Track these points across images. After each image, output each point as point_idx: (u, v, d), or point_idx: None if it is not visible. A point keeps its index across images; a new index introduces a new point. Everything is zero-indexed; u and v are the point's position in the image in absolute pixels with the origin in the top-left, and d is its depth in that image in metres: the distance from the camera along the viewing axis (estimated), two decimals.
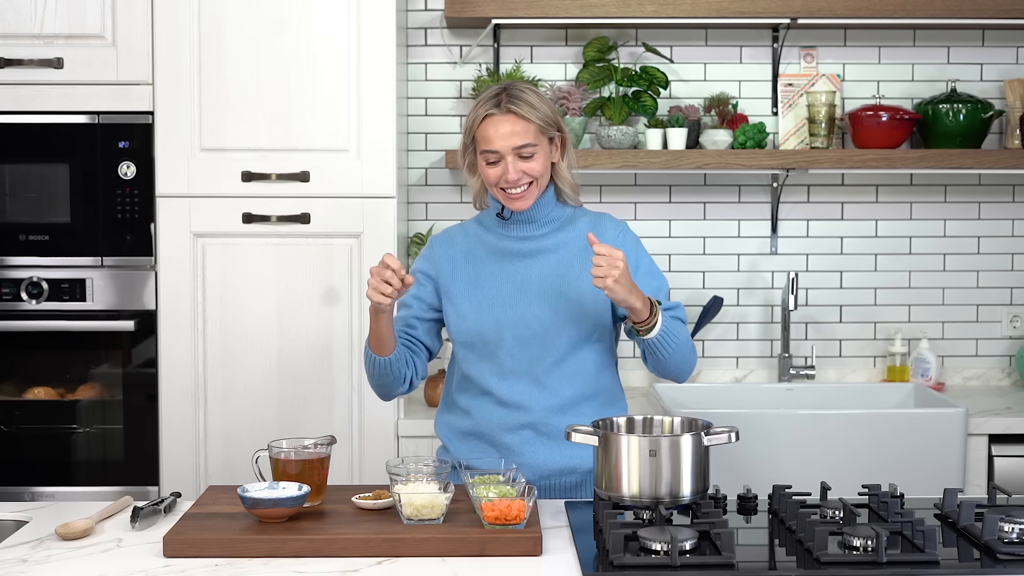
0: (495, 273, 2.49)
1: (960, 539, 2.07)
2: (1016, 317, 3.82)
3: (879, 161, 3.52)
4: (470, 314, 2.47)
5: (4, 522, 2.22)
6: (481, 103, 2.43)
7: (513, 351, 2.45)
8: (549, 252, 2.49)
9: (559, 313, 2.44)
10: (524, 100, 2.41)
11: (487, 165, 2.42)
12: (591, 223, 2.53)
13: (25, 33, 3.23)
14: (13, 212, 3.28)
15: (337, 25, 3.23)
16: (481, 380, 2.48)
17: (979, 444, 3.24)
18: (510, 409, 2.46)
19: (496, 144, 2.40)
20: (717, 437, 2.12)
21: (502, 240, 2.51)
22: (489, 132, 2.41)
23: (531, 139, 2.40)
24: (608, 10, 3.51)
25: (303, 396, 3.27)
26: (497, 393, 2.47)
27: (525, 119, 2.40)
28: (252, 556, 1.97)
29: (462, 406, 2.53)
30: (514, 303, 2.45)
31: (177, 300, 3.25)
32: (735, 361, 3.80)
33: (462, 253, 2.53)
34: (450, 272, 2.51)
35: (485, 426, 2.49)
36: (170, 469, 3.28)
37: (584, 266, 2.44)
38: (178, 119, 3.23)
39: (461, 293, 2.49)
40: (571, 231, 2.51)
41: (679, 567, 1.87)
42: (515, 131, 2.39)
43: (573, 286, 2.46)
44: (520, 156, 2.40)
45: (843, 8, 3.51)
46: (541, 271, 2.47)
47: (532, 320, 2.44)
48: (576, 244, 2.49)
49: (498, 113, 2.41)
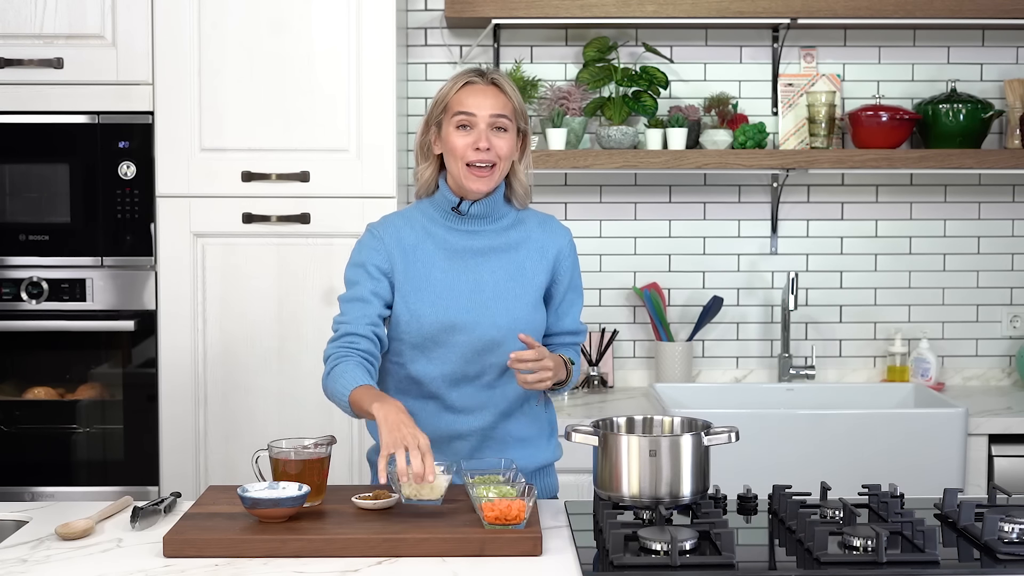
0: (447, 271, 2.39)
1: (960, 539, 2.07)
2: (1016, 317, 3.82)
3: (879, 161, 3.52)
4: (426, 315, 2.37)
5: (4, 522, 2.22)
6: (460, 75, 2.40)
7: (468, 357, 2.38)
8: (501, 251, 2.43)
9: (514, 318, 2.39)
10: (506, 80, 2.41)
11: (458, 133, 2.36)
12: (540, 224, 2.48)
13: (25, 33, 3.23)
14: (13, 212, 3.28)
15: (337, 25, 3.23)
16: (430, 384, 2.39)
17: (979, 444, 3.24)
18: (458, 415, 2.40)
19: (475, 108, 2.35)
20: (717, 437, 2.12)
21: (452, 235, 2.42)
22: (468, 98, 2.36)
23: (508, 113, 2.37)
24: (608, 10, 3.51)
25: (303, 396, 3.27)
26: (446, 399, 2.40)
27: (505, 94, 2.38)
28: (252, 556, 1.97)
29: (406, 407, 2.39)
30: (468, 305, 2.37)
31: (177, 300, 3.25)
32: (735, 361, 3.80)
33: (411, 246, 2.41)
34: (403, 267, 2.39)
35: (431, 432, 2.33)
36: (170, 469, 3.28)
37: (536, 267, 2.42)
38: (178, 119, 3.23)
39: (412, 290, 2.38)
40: (522, 230, 2.46)
41: (679, 567, 1.87)
42: (495, 102, 2.36)
43: (527, 288, 2.41)
44: (494, 128, 2.36)
45: (843, 8, 3.51)
46: (494, 271, 2.41)
47: (488, 326, 2.37)
48: (528, 244, 2.44)
49: (481, 82, 2.38)
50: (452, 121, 2.37)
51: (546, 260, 2.45)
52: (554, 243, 2.46)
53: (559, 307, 2.49)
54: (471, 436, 2.42)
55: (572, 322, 2.51)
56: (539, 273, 2.43)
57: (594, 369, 3.66)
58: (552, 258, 2.45)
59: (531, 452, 2.46)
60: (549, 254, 2.45)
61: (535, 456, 2.46)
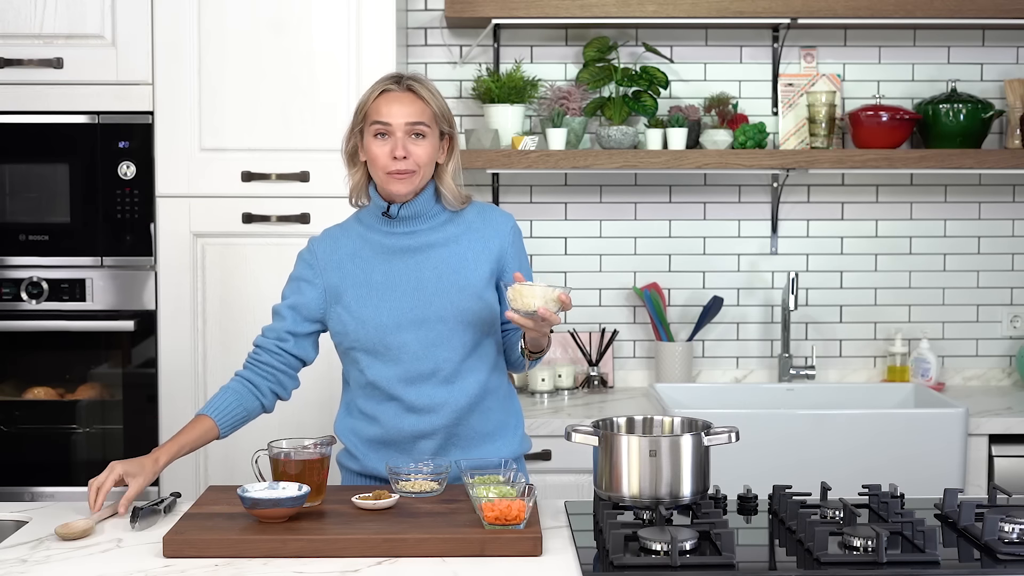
0: (387, 272, 2.40)
1: (960, 539, 2.07)
2: (1016, 317, 3.82)
3: (879, 161, 3.52)
4: (371, 318, 2.37)
5: (4, 522, 2.22)
6: (378, 83, 2.39)
7: (419, 354, 2.37)
8: (440, 246, 2.41)
9: (461, 310, 2.38)
10: (424, 84, 2.39)
11: (376, 142, 2.35)
12: (479, 214, 2.47)
13: (25, 33, 3.23)
14: (13, 212, 3.28)
15: (337, 25, 3.23)
16: (388, 387, 2.39)
17: (979, 444, 3.24)
18: (421, 415, 2.40)
19: (390, 117, 2.34)
20: (717, 437, 2.12)
21: (388, 237, 2.42)
22: (384, 107, 2.34)
23: (425, 120, 2.36)
24: (608, 10, 3.51)
25: (303, 396, 3.26)
26: (405, 399, 2.39)
27: (423, 100, 2.36)
28: (252, 556, 1.97)
29: (368, 412, 2.43)
30: (412, 304, 2.37)
31: (177, 300, 3.25)
32: (735, 361, 3.80)
33: (348, 255, 2.42)
34: (338, 278, 2.41)
35: (396, 434, 2.40)
36: (170, 469, 3.25)
37: (478, 257, 2.41)
38: (178, 119, 3.23)
39: (355, 298, 2.39)
40: (460, 223, 2.44)
41: (679, 567, 1.87)
42: (411, 110, 2.35)
43: (471, 280, 2.40)
44: (411, 135, 2.35)
45: (843, 8, 3.51)
46: (435, 266, 2.40)
47: (434, 320, 2.37)
48: (468, 236, 2.43)
49: (397, 90, 2.37)
50: (370, 130, 2.37)
51: (489, 250, 2.43)
52: (495, 232, 2.45)
53: None
54: (435, 435, 2.41)
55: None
56: (482, 263, 2.41)
57: (594, 369, 3.66)
58: (496, 247, 2.44)
59: (498, 447, 2.45)
60: (492, 243, 2.44)
61: (501, 451, 2.44)
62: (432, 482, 2.26)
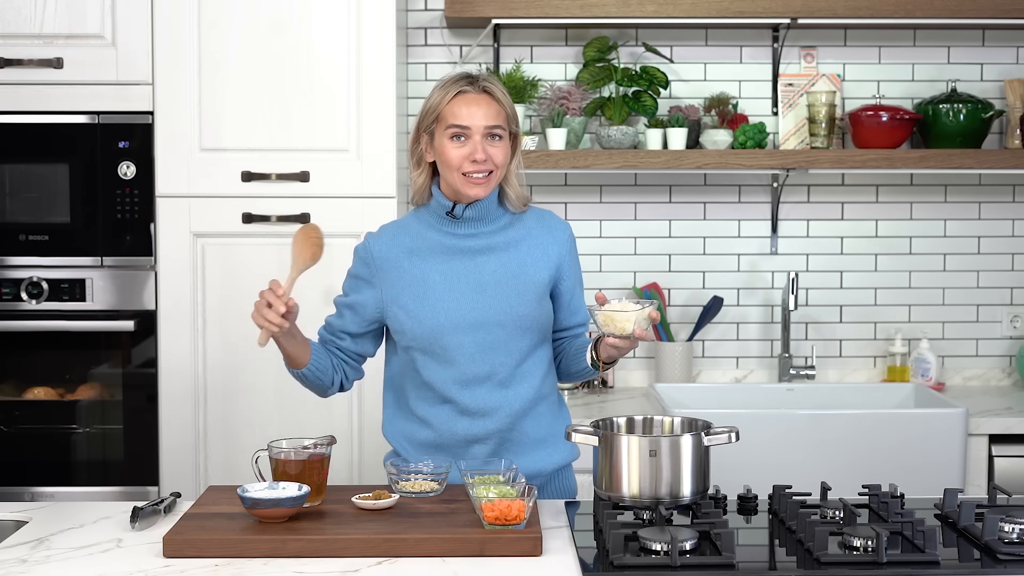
0: (445, 273, 2.38)
1: (960, 539, 2.07)
2: (1016, 317, 3.82)
3: (879, 161, 3.52)
4: (428, 319, 2.36)
5: (4, 522, 2.22)
6: (450, 83, 2.37)
7: (475, 357, 2.37)
8: (500, 250, 2.41)
9: (519, 315, 2.38)
10: (497, 85, 2.38)
11: (453, 144, 2.34)
12: (539, 221, 2.47)
13: (25, 33, 3.23)
14: (13, 212, 3.28)
15: (337, 25, 3.23)
16: (443, 388, 2.38)
17: (979, 444, 3.24)
18: (474, 418, 2.39)
19: (468, 120, 2.33)
20: (717, 437, 2.12)
21: (448, 238, 2.41)
22: (461, 109, 2.33)
23: (501, 122, 2.35)
24: (608, 10, 3.51)
25: (303, 396, 3.26)
26: (460, 401, 2.38)
27: (498, 102, 2.36)
28: (252, 556, 1.96)
29: (420, 415, 2.42)
30: (471, 306, 2.36)
31: (177, 300, 3.25)
32: (735, 361, 3.80)
33: (405, 253, 2.41)
34: (396, 276, 2.40)
35: (449, 438, 2.40)
36: (170, 469, 3.28)
37: (537, 263, 2.42)
38: (178, 119, 3.23)
39: (412, 297, 2.38)
40: (520, 228, 2.44)
41: (679, 567, 1.87)
42: (488, 111, 2.34)
43: (529, 285, 2.40)
44: (489, 137, 2.34)
45: (843, 8, 3.51)
46: (494, 270, 2.39)
47: (492, 323, 2.36)
48: (528, 241, 2.43)
49: (472, 91, 2.35)
50: (446, 132, 2.35)
51: (548, 256, 2.44)
52: (555, 240, 2.46)
53: (570, 302, 2.49)
54: (488, 439, 2.40)
55: (585, 315, 2.51)
56: (541, 270, 2.42)
57: None
58: (555, 255, 2.45)
59: (548, 453, 2.44)
60: (551, 250, 2.44)
61: (552, 457, 2.45)
62: (432, 482, 2.26)
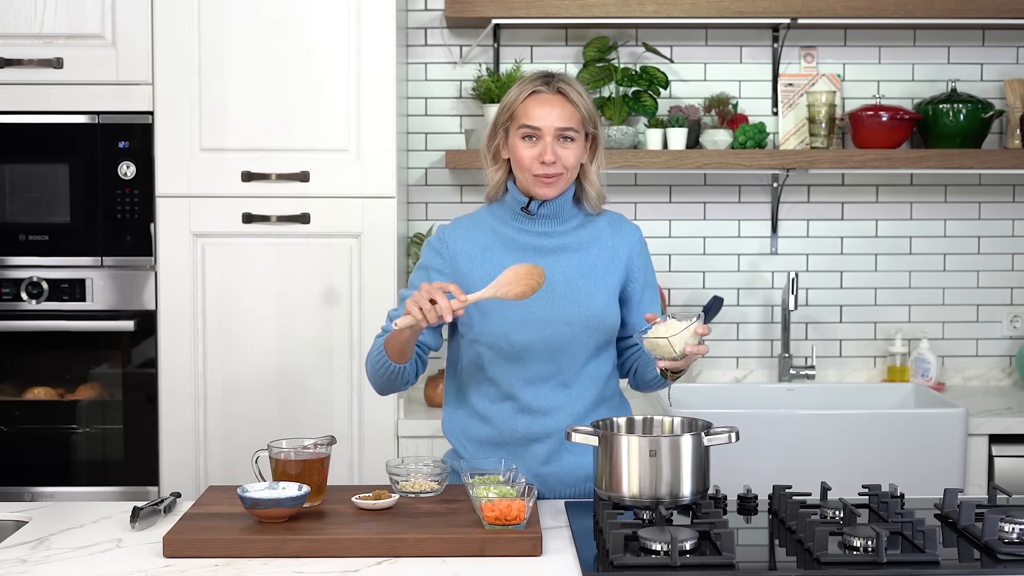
0: None
1: (960, 539, 2.07)
2: (1016, 317, 3.82)
3: (879, 161, 3.52)
4: (496, 314, 2.35)
5: (4, 522, 2.22)
6: (527, 82, 2.35)
7: (541, 355, 2.36)
8: (571, 250, 2.42)
9: (587, 316, 2.37)
10: (573, 87, 2.36)
11: (524, 144, 2.33)
12: (611, 222, 2.47)
13: (25, 33, 3.23)
14: (13, 212, 3.28)
15: (337, 25, 3.23)
16: (507, 385, 2.38)
17: (979, 444, 3.24)
18: (535, 416, 2.38)
19: (540, 120, 2.31)
20: (717, 437, 2.12)
21: (522, 235, 2.41)
22: (534, 109, 2.32)
23: (575, 124, 2.33)
24: (608, 10, 3.51)
25: (303, 396, 3.27)
26: (522, 399, 2.38)
27: (573, 104, 2.34)
28: (252, 556, 1.96)
29: (480, 411, 2.42)
30: (540, 304, 2.35)
31: (177, 300, 3.25)
32: (735, 361, 3.80)
33: (479, 247, 2.41)
34: (468, 269, 2.39)
35: (509, 436, 2.40)
36: (170, 469, 3.28)
37: (607, 266, 2.41)
38: (178, 119, 3.23)
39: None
40: (592, 229, 2.45)
41: (679, 567, 1.87)
42: (561, 113, 2.32)
43: (599, 287, 2.40)
44: (560, 138, 2.33)
45: (843, 8, 3.51)
46: (564, 271, 2.39)
47: (560, 323, 2.35)
48: (598, 243, 2.43)
49: (546, 91, 2.34)
50: (518, 132, 2.34)
51: (618, 260, 2.43)
52: (625, 242, 2.45)
53: (640, 305, 2.47)
54: (548, 438, 2.39)
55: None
56: (611, 272, 2.42)
57: None
58: (624, 258, 2.44)
59: None
60: (621, 253, 2.44)
61: None
62: (432, 482, 2.26)
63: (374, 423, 3.26)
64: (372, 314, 3.24)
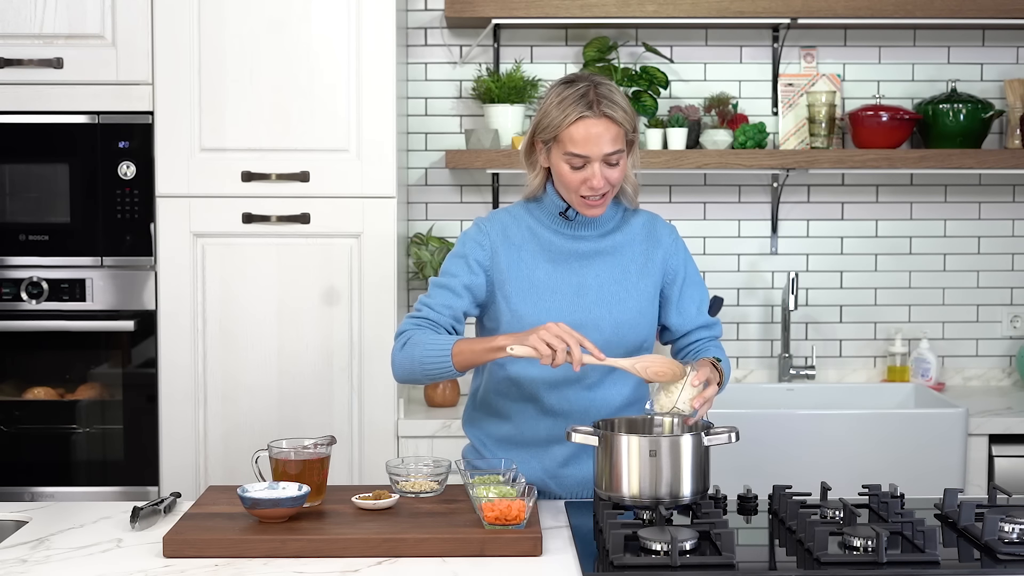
0: (550, 273, 2.37)
1: (960, 539, 2.07)
2: (1016, 317, 3.82)
3: (879, 161, 3.52)
4: (528, 316, 2.33)
5: (4, 522, 2.22)
6: (571, 103, 2.28)
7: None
8: (606, 254, 2.40)
9: (618, 322, 2.36)
10: (616, 103, 2.29)
11: (571, 169, 2.30)
12: (645, 224, 2.45)
13: (25, 33, 3.23)
14: (13, 212, 3.28)
15: (337, 25, 3.23)
16: (530, 386, 2.36)
17: (979, 444, 3.24)
18: (557, 418, 2.37)
19: (587, 149, 2.27)
20: (717, 437, 2.12)
21: (558, 237, 2.39)
22: (581, 136, 2.26)
23: (620, 145, 2.30)
24: (608, 10, 3.51)
25: (303, 396, 3.27)
26: (545, 401, 2.37)
27: (617, 124, 2.29)
28: (252, 556, 1.97)
29: (500, 410, 2.41)
30: (572, 308, 2.34)
31: (177, 300, 3.25)
32: (735, 361, 3.80)
33: (516, 245, 2.38)
34: (506, 266, 2.36)
35: (531, 436, 2.39)
36: (170, 469, 3.28)
37: (641, 270, 2.40)
38: (178, 119, 3.23)
39: (516, 292, 2.35)
40: (627, 232, 2.43)
41: (679, 567, 1.87)
42: (608, 137, 2.27)
43: (632, 292, 2.39)
44: (607, 163, 2.30)
45: (843, 8, 3.51)
46: (598, 275, 2.38)
47: (590, 327, 2.32)
48: (632, 248, 2.42)
49: (592, 116, 2.27)
50: (563, 157, 2.30)
51: (652, 263, 2.42)
52: (657, 242, 2.44)
53: (679, 304, 2.46)
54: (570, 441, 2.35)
55: (699, 316, 2.47)
56: (645, 276, 2.41)
57: None
58: (659, 260, 2.43)
59: None
60: (655, 257, 2.43)
61: None
62: (432, 482, 2.26)
63: (374, 423, 3.26)
64: (372, 314, 3.24)
